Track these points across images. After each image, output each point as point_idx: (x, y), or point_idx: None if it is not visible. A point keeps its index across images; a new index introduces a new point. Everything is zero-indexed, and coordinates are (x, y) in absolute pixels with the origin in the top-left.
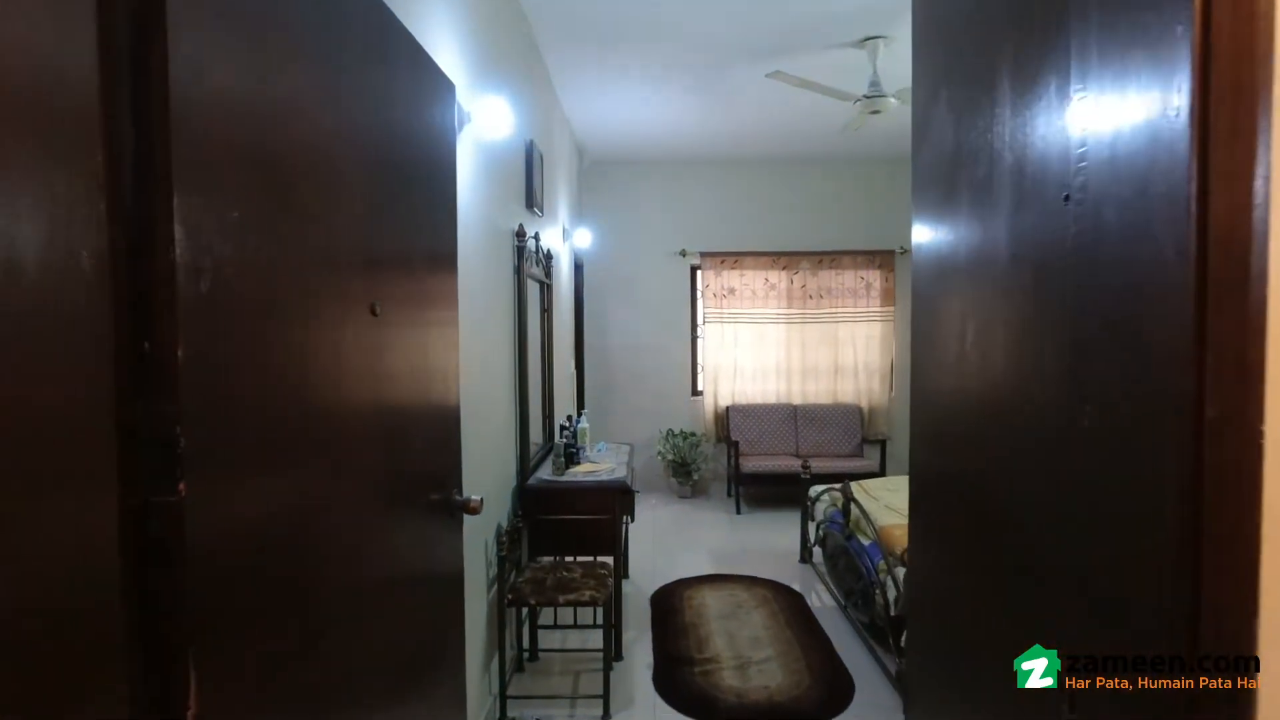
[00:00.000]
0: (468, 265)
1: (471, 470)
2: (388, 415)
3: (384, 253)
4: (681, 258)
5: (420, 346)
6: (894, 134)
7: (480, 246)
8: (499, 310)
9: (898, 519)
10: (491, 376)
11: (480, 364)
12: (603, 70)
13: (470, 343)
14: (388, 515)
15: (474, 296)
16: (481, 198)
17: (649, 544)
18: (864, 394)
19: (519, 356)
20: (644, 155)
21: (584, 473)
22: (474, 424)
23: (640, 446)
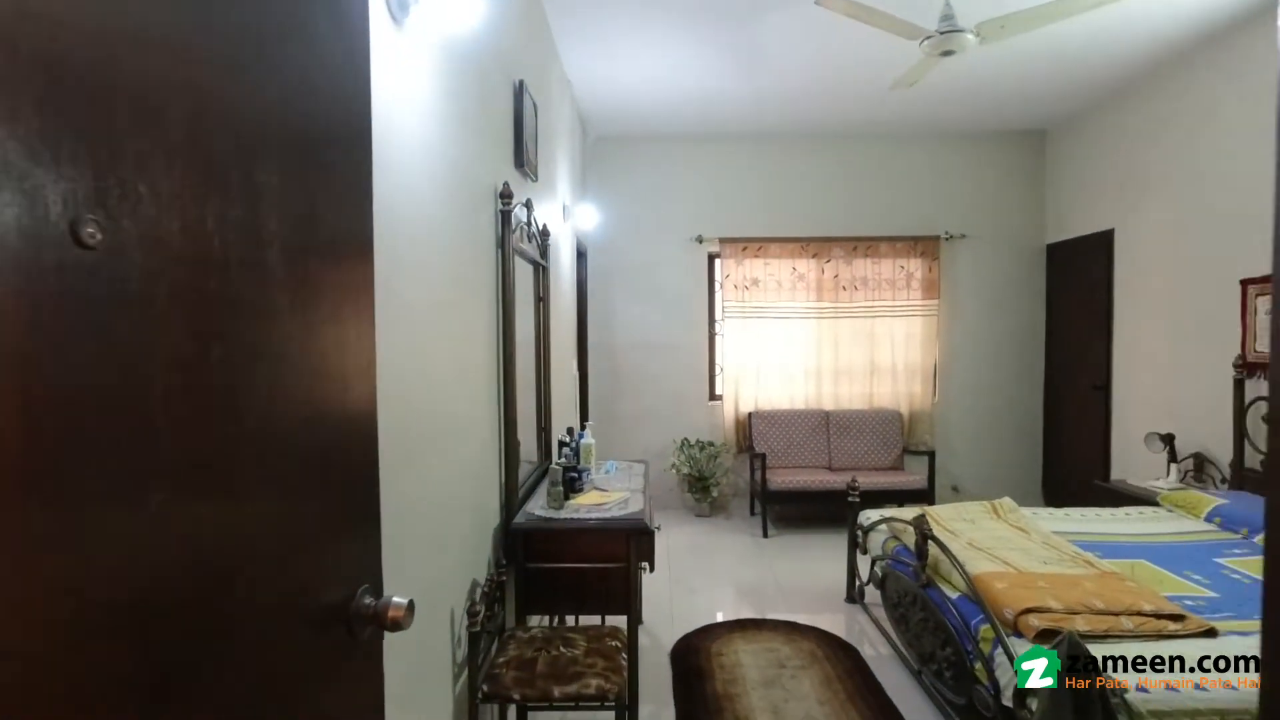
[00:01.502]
0: (419, 224)
1: (427, 521)
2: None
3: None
4: (698, 244)
5: (288, 353)
6: (953, 94)
7: (444, 200)
8: (476, 292)
9: (994, 564)
10: (465, 381)
11: (447, 365)
12: (614, 14)
13: (427, 336)
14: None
15: (432, 270)
16: (448, 135)
17: (664, 575)
18: (904, 398)
19: (503, 354)
20: (655, 129)
21: (588, 506)
22: (435, 447)
23: (652, 458)
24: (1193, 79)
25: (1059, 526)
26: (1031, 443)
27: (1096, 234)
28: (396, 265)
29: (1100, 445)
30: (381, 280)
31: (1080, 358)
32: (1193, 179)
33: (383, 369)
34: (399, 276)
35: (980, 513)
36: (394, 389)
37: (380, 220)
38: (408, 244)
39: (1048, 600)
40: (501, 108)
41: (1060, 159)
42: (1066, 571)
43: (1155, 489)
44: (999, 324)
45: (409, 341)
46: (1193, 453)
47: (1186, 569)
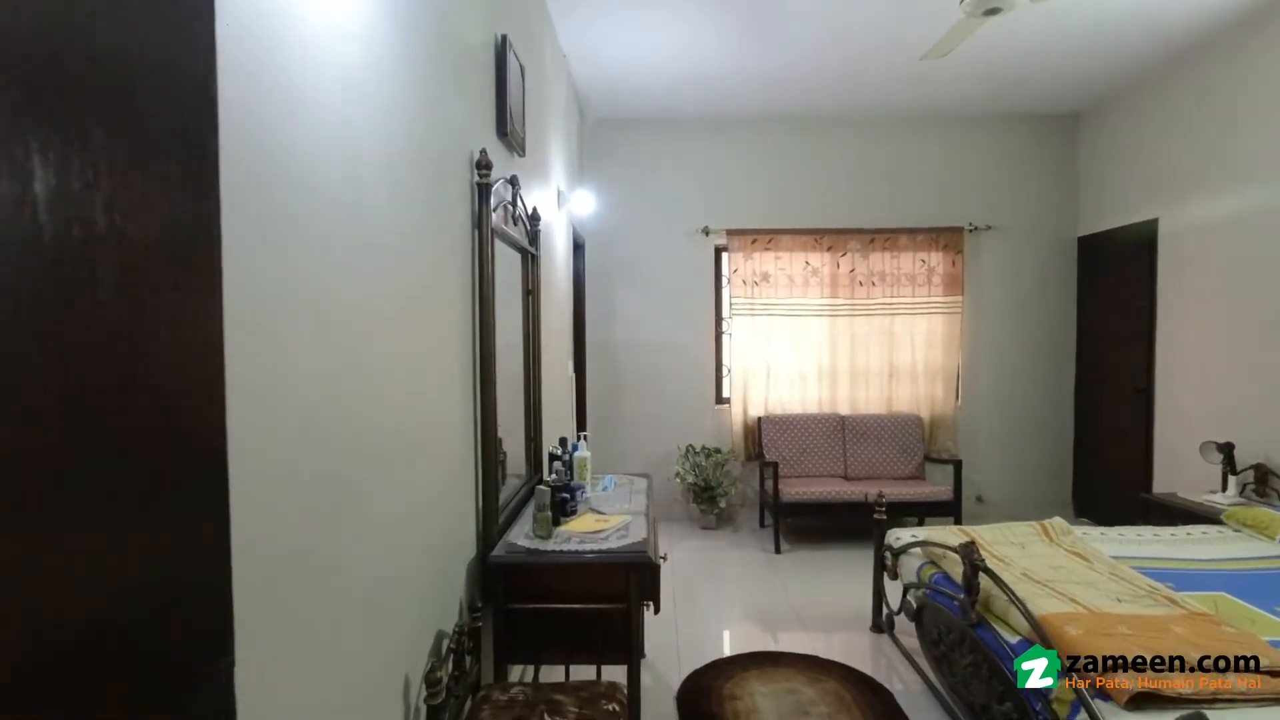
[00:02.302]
0: (356, 196)
1: (368, 573)
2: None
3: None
4: (704, 236)
5: None
6: (979, 71)
7: (396, 166)
8: (445, 280)
9: (1060, 602)
10: (428, 390)
11: (403, 371)
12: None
13: (373, 336)
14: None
15: (380, 255)
16: (402, 81)
17: (668, 597)
18: (924, 402)
19: (480, 355)
20: (659, 111)
21: (582, 534)
22: (387, 475)
23: (655, 465)
24: (1253, 54)
25: (1116, 550)
26: (1061, 450)
27: (1137, 225)
28: (320, 251)
29: (1141, 454)
30: (296, 269)
31: (1117, 359)
32: (1250, 166)
33: (304, 381)
34: (325, 263)
35: (1029, 535)
36: (323, 407)
37: (285, 193)
38: (338, 222)
39: (1133, 651)
40: (479, 61)
41: (1095, 144)
42: (1147, 612)
43: (1213, 504)
44: (1027, 322)
45: (346, 345)
46: (1253, 464)
47: (1277, 604)
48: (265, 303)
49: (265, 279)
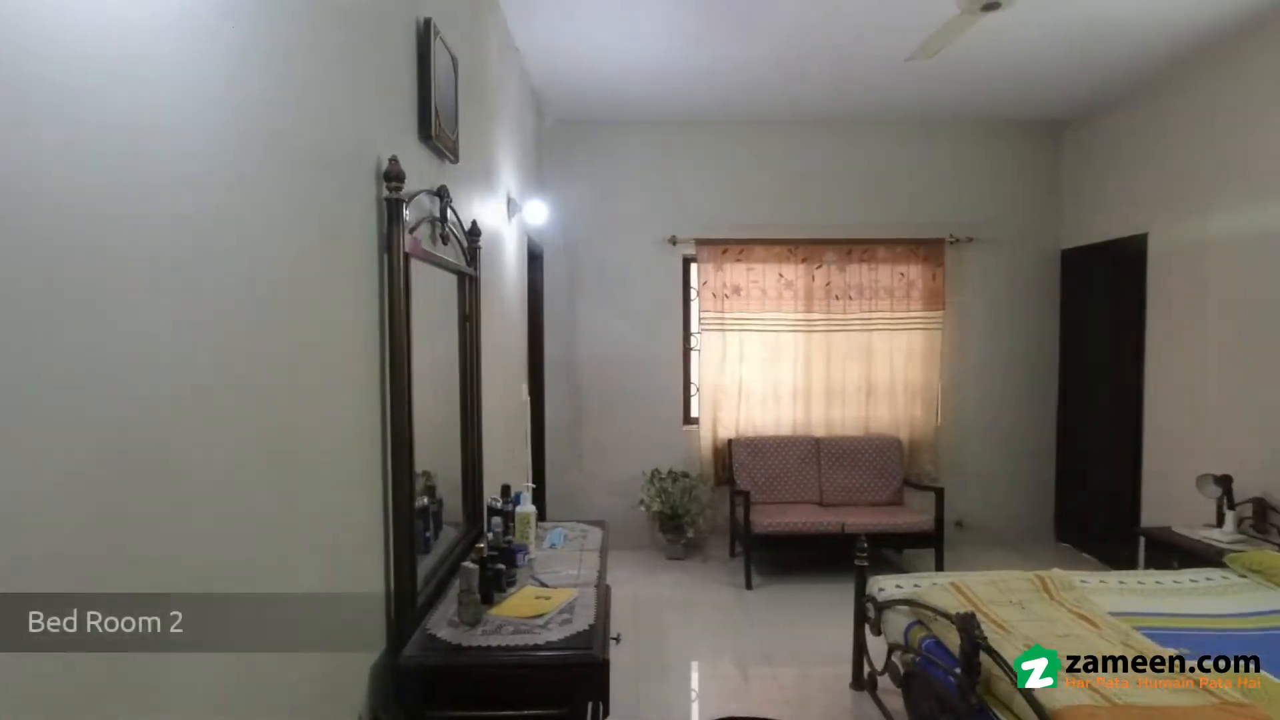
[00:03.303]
0: (195, 210)
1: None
2: None
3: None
4: (672, 246)
5: None
6: (962, 76)
7: (248, 176)
8: (335, 316)
9: (1083, 693)
10: (312, 457)
11: (273, 435)
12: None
13: (212, 390)
14: None
15: (234, 287)
16: (258, 60)
17: (631, 644)
18: (903, 423)
19: (389, 407)
20: (624, 112)
21: (517, 621)
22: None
23: (620, 491)
24: (1251, 61)
25: (1117, 603)
26: (1044, 473)
27: (1125, 239)
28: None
29: (1129, 480)
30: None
31: (1103, 380)
32: (1248, 178)
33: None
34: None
35: (1028, 591)
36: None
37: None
38: (171, 247)
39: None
40: (392, 49)
41: (1080, 154)
42: (1175, 702)
43: (1212, 541)
44: (1010, 339)
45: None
46: (1252, 498)
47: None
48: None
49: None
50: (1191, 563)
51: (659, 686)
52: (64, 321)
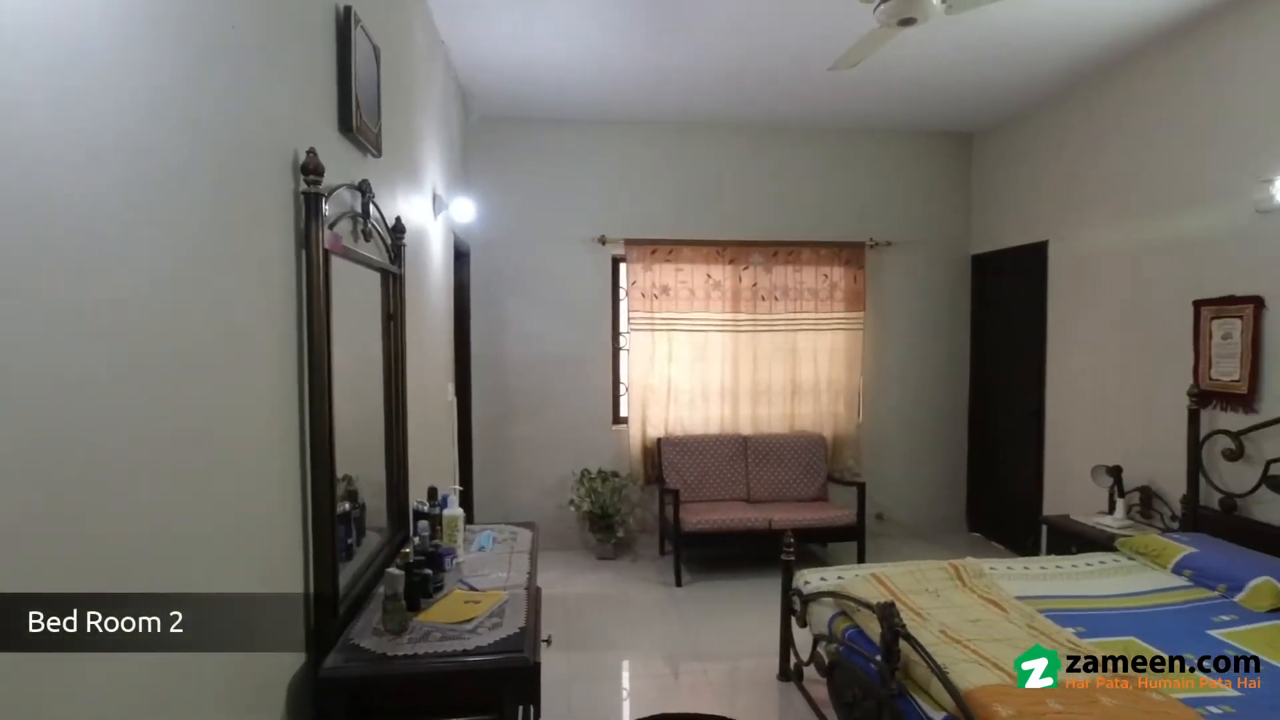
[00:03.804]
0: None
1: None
2: None
3: None
4: (601, 245)
5: None
6: (881, 86)
7: (142, 167)
8: (249, 317)
9: (985, 670)
10: (227, 457)
11: (180, 440)
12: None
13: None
14: None
15: (129, 286)
16: (153, 34)
17: (561, 646)
18: (827, 420)
19: (308, 409)
20: (553, 110)
21: (445, 626)
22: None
23: (549, 491)
24: (1138, 84)
25: (1022, 588)
26: (957, 469)
27: (1028, 246)
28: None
29: (1032, 473)
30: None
31: (1010, 379)
32: (1138, 192)
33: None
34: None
35: (943, 579)
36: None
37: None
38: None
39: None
40: (310, 36)
41: (988, 164)
42: (1072, 676)
43: (1104, 527)
44: (925, 339)
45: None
46: (1139, 486)
47: (1186, 650)
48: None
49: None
50: (1087, 547)
51: (590, 687)
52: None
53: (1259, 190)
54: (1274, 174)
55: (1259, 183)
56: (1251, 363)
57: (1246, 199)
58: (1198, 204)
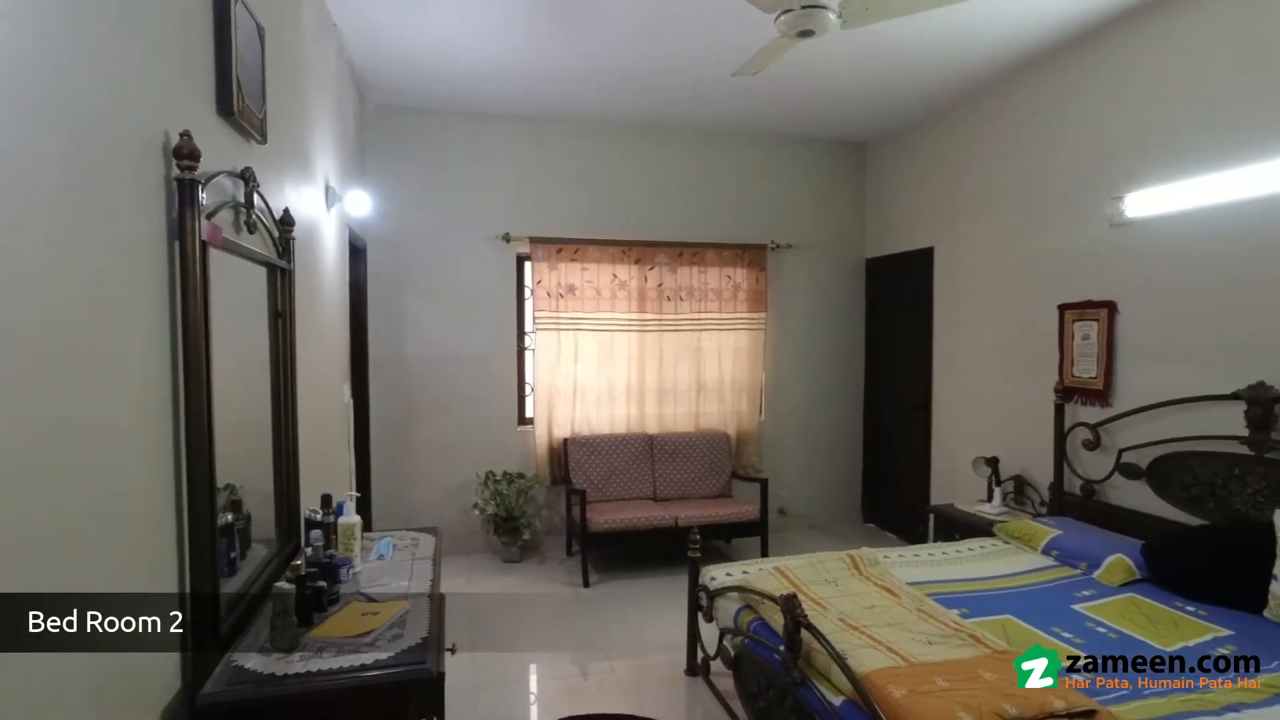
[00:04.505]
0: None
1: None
2: None
3: None
4: (505, 243)
5: None
6: (783, 95)
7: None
8: (120, 312)
9: (880, 654)
10: (87, 468)
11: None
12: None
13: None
14: None
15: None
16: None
17: (467, 651)
18: (731, 418)
19: (185, 415)
20: (455, 103)
21: (341, 640)
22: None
23: (453, 495)
24: (1008, 104)
25: (913, 574)
26: (853, 463)
27: (916, 251)
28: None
29: (922, 466)
30: None
31: (901, 377)
32: (1011, 202)
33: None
34: None
35: (841, 569)
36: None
37: None
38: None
39: (957, 712)
40: (183, 5)
41: (879, 173)
42: (957, 654)
43: (983, 514)
44: (823, 339)
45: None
46: (1013, 475)
47: (1053, 624)
48: None
49: None
50: (970, 534)
51: (497, 693)
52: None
53: (1111, 206)
54: (1123, 191)
55: (1111, 199)
56: (1106, 361)
57: (1101, 213)
58: (1060, 216)
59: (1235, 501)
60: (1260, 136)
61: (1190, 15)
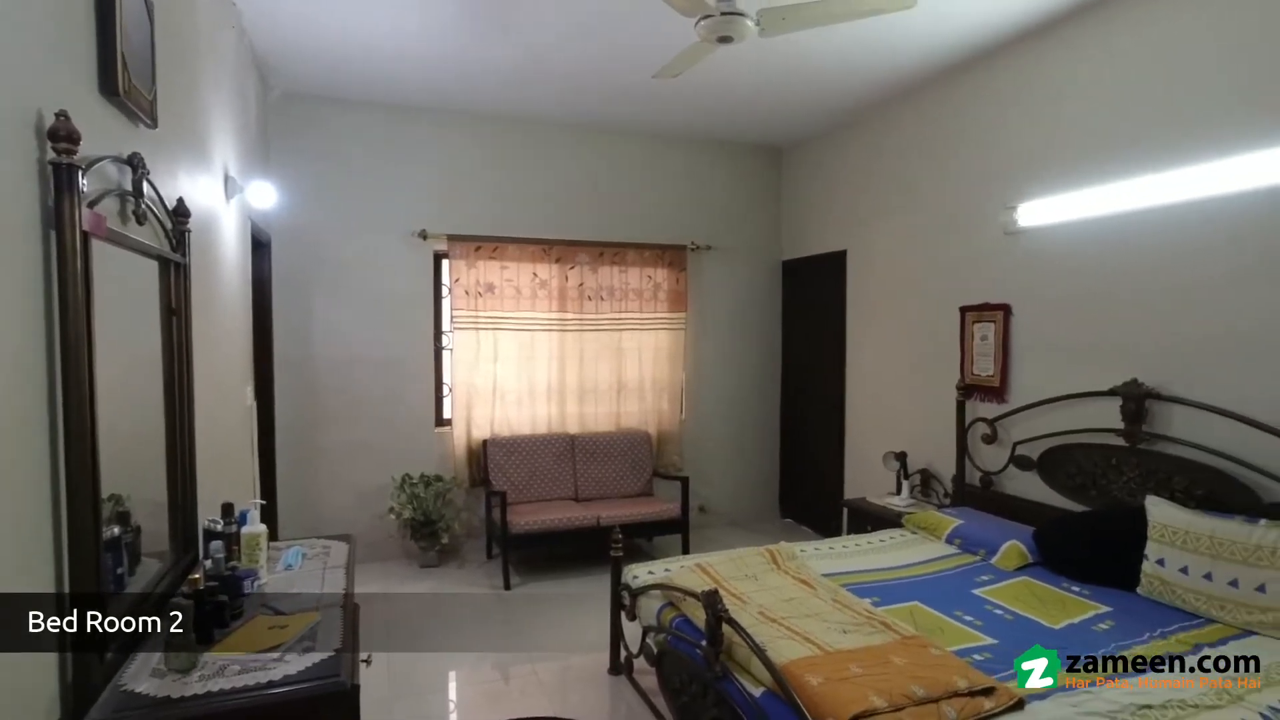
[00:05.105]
0: None
1: None
2: None
3: None
4: (422, 240)
5: None
6: (703, 98)
7: None
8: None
9: (798, 645)
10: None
11: None
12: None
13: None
14: None
15: None
16: None
17: (383, 661)
18: (652, 417)
19: (65, 414)
20: (369, 93)
21: (245, 658)
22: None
23: (368, 500)
24: (914, 115)
25: (828, 566)
26: (771, 460)
27: (830, 254)
28: None
29: (836, 462)
30: None
31: (816, 376)
32: (916, 208)
33: None
34: None
35: (761, 564)
36: None
37: None
38: None
39: (869, 696)
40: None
41: (794, 177)
42: (869, 642)
43: (892, 506)
44: (743, 339)
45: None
46: (920, 469)
47: (956, 609)
48: None
49: None
50: (881, 525)
51: (415, 703)
52: None
53: (1005, 215)
54: (1016, 201)
55: (1005, 208)
56: (1002, 360)
57: (997, 221)
58: (961, 223)
59: (1113, 489)
60: (1130, 157)
61: (1075, 43)
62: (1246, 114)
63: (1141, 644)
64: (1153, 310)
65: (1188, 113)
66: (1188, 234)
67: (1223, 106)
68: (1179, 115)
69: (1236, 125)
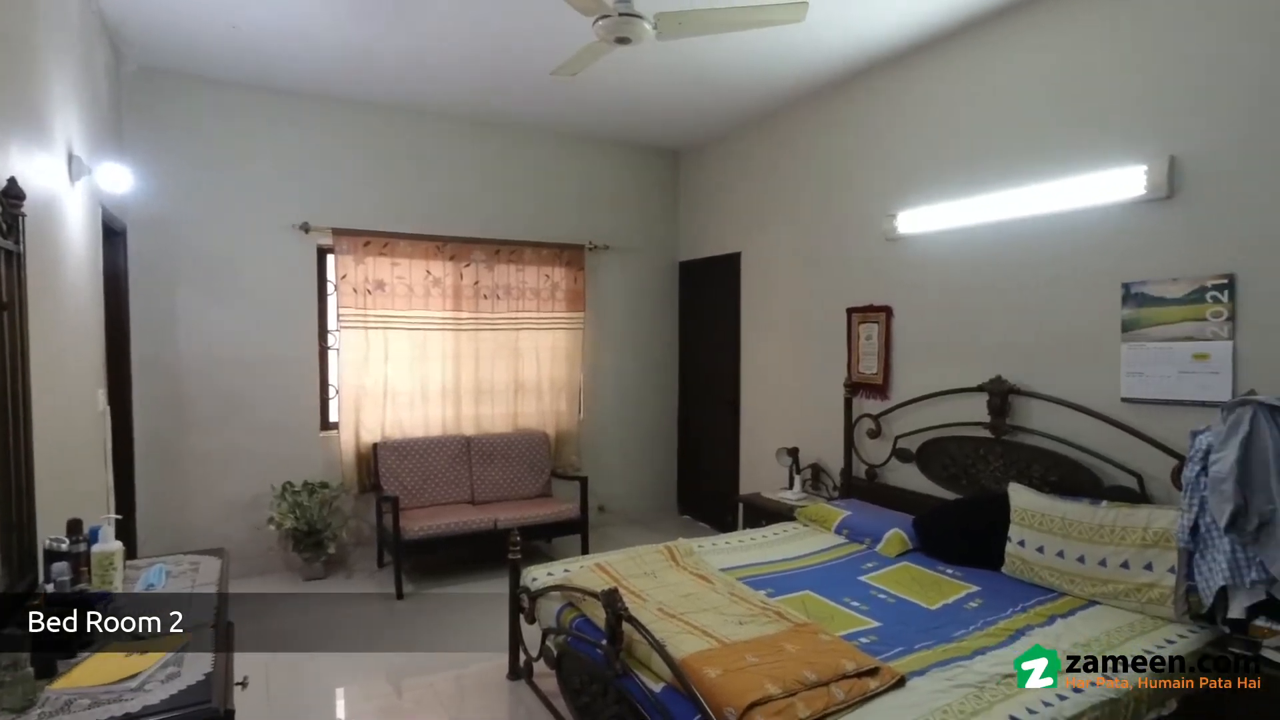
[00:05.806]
0: None
1: None
2: None
3: None
4: (304, 234)
5: None
6: (602, 99)
7: None
8: None
9: (696, 638)
10: None
11: None
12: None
13: None
14: None
15: None
16: None
17: (261, 683)
18: (549, 417)
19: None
20: (243, 73)
21: (96, 689)
22: None
23: (244, 511)
24: (806, 123)
25: (725, 561)
26: (668, 458)
27: (725, 256)
28: None
29: (732, 458)
30: None
31: (712, 375)
32: (807, 212)
33: None
34: None
35: (659, 561)
36: None
37: None
38: None
39: (765, 685)
40: None
41: (691, 180)
42: (764, 632)
43: (785, 500)
44: (640, 339)
45: None
46: (811, 464)
47: (844, 595)
48: None
49: None
50: (774, 519)
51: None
52: None
53: (886, 222)
54: (896, 209)
55: (886, 216)
56: (885, 359)
57: (879, 228)
58: (848, 228)
59: (982, 477)
60: (993, 172)
61: (949, 64)
62: (1069, 142)
63: (1005, 618)
64: (1011, 312)
65: (1034, 136)
66: (1032, 245)
67: (1054, 136)
68: (1028, 137)
69: (1063, 151)
